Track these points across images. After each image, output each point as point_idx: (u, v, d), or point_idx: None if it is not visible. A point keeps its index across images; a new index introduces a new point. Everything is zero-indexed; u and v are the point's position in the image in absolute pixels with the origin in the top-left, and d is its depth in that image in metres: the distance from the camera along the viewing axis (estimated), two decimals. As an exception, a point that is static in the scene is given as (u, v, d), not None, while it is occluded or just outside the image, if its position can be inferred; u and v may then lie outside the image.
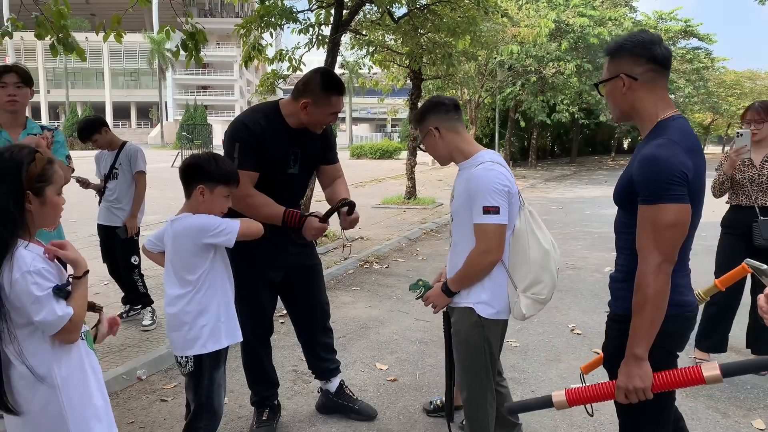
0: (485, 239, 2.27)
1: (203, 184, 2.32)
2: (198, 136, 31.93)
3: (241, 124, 2.78)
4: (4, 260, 1.63)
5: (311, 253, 3.18)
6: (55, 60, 59.51)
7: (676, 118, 1.83)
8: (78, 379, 1.79)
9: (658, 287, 1.72)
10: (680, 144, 1.74)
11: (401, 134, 57.43)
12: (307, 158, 2.98)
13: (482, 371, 2.42)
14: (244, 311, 3.05)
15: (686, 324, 1.89)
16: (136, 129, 66.13)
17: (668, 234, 1.72)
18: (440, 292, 2.47)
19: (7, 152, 1.70)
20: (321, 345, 3.26)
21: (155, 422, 3.24)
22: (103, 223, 4.71)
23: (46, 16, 4.59)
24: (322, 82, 2.72)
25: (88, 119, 4.67)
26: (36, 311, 1.65)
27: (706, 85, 33.18)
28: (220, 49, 65.63)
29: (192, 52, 5.13)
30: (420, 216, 11.20)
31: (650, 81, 1.84)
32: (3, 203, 1.65)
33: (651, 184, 1.73)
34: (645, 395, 1.78)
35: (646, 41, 1.83)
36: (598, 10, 22.21)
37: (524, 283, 2.35)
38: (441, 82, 14.51)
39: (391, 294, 5.94)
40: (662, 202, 1.71)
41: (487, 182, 2.25)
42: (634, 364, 1.76)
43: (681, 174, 1.70)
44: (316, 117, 2.78)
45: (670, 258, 1.74)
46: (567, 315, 5.16)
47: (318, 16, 8.25)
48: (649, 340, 1.75)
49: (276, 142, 2.81)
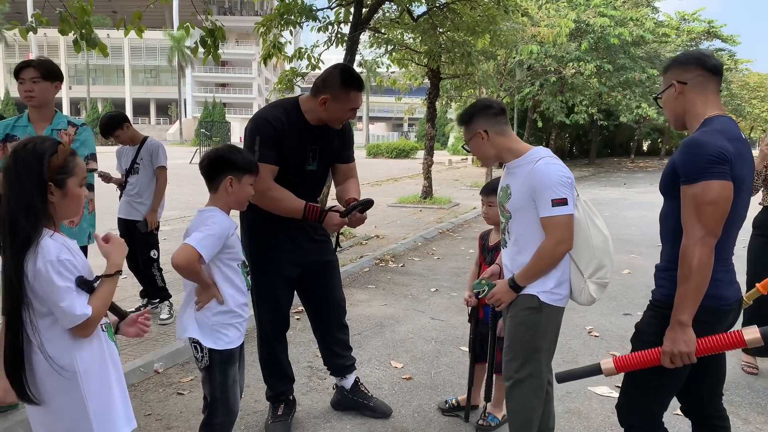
0: (557, 230, 2.32)
1: (231, 174, 2.34)
2: (216, 133, 32.23)
3: (262, 119, 2.81)
4: (28, 252, 1.65)
5: (327, 249, 3.19)
6: (77, 57, 60.62)
7: (722, 116, 1.95)
8: (98, 369, 1.80)
9: (702, 257, 1.81)
10: (724, 133, 1.86)
11: (418, 133, 57.41)
12: (325, 155, 2.99)
13: (540, 356, 2.45)
14: (261, 307, 3.08)
15: (720, 317, 1.96)
16: (155, 125, 66.78)
17: (710, 209, 1.80)
18: (507, 288, 2.46)
19: (30, 144, 1.71)
20: (337, 341, 3.27)
21: (171, 415, 3.27)
22: (124, 217, 4.76)
23: (69, 12, 4.65)
24: (342, 78, 2.74)
25: (110, 115, 4.72)
26: (55, 302, 1.66)
27: (728, 87, 32.72)
28: (239, 47, 66.07)
29: (210, 49, 5.16)
30: (436, 215, 11.17)
31: (700, 85, 1.98)
32: (26, 195, 1.66)
33: (691, 165, 1.83)
34: (690, 359, 1.89)
35: (697, 54, 2.03)
36: (620, 11, 21.99)
37: (590, 269, 2.39)
38: (459, 81, 14.47)
39: (407, 293, 5.93)
40: (703, 180, 1.80)
41: (552, 176, 2.31)
42: (680, 330, 1.87)
43: (721, 154, 1.80)
44: (335, 113, 2.79)
45: (713, 232, 1.82)
46: (584, 317, 5.11)
47: (337, 15, 8.26)
48: (694, 307, 1.85)
49: (295, 137, 2.83)
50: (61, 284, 1.66)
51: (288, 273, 3.03)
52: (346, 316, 3.32)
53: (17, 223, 1.64)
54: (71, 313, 1.67)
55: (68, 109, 67.08)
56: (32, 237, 1.65)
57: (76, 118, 3.44)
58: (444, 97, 17.70)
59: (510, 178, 2.47)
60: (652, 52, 25.35)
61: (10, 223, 1.65)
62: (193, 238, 2.22)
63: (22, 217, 1.65)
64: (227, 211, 2.39)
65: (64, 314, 1.68)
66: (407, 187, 16.27)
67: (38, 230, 1.67)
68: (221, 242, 2.28)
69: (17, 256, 1.64)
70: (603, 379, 3.80)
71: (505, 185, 2.49)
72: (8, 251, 1.66)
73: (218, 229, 2.27)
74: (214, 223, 2.28)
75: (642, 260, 7.41)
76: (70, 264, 1.70)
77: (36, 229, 1.67)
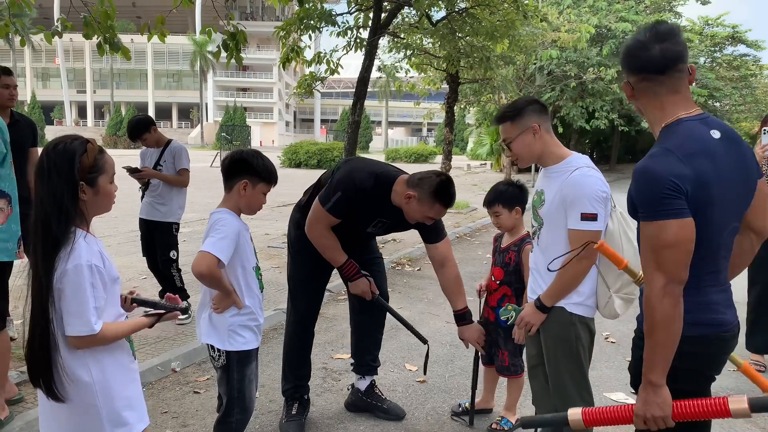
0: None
1: (247, 178, 2.35)
2: (237, 137, 32.52)
3: (352, 182, 2.85)
4: (60, 252, 1.66)
5: (373, 248, 3.35)
6: (101, 61, 61.55)
7: (683, 120, 1.66)
8: (113, 367, 1.81)
9: (665, 310, 1.58)
10: (677, 151, 1.59)
11: (436, 138, 57.37)
12: (391, 227, 3.11)
13: (578, 369, 2.36)
14: (297, 297, 3.21)
15: (722, 345, 1.73)
16: (177, 129, 67.60)
17: (668, 253, 1.57)
18: (535, 310, 2.37)
19: (60, 144, 1.72)
20: (372, 338, 3.38)
21: (188, 413, 3.31)
22: (145, 217, 4.84)
23: (93, 16, 4.75)
24: (436, 188, 2.77)
25: (138, 119, 4.79)
26: (71, 305, 1.68)
27: (753, 92, 32.18)
28: (260, 52, 66.65)
29: (232, 52, 5.23)
30: (454, 220, 11.15)
31: (646, 90, 1.71)
32: (58, 197, 1.67)
33: (644, 200, 1.61)
34: (666, 424, 1.63)
35: (632, 49, 1.71)
36: (641, 15, 21.79)
37: (618, 284, 2.31)
38: (478, 86, 14.44)
39: (423, 296, 5.93)
40: (658, 219, 1.58)
41: (587, 189, 2.22)
42: (651, 391, 1.63)
43: (672, 185, 1.55)
44: (413, 212, 2.85)
45: (676, 278, 1.58)
46: (601, 323, 5.04)
47: (357, 20, 8.32)
48: (664, 365, 1.61)
49: (369, 209, 2.92)
50: (84, 290, 1.67)
51: (326, 266, 3.12)
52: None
53: (49, 223, 1.66)
54: (80, 322, 1.68)
55: (92, 112, 68.31)
56: (63, 238, 1.67)
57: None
58: (463, 101, 17.68)
59: (545, 182, 2.39)
60: (675, 57, 25.05)
61: (42, 224, 1.67)
62: (207, 244, 2.23)
63: (54, 218, 1.66)
64: (237, 213, 2.39)
65: (73, 320, 1.68)
66: (425, 191, 16.20)
67: (69, 230, 1.69)
68: (235, 243, 2.29)
69: (48, 256, 1.66)
70: (619, 385, 3.77)
71: (540, 190, 2.41)
72: (40, 251, 1.67)
73: (229, 230, 2.27)
74: (223, 225, 2.28)
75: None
76: (98, 269, 1.71)
77: (67, 230, 1.68)
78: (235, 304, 2.34)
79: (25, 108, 51.12)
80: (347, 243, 3.00)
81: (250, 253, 2.41)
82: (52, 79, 69.25)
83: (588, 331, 2.37)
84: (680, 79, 1.68)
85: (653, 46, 1.66)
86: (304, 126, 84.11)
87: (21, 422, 2.99)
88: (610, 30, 20.24)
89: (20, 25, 5.62)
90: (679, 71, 1.67)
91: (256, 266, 2.46)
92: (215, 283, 2.26)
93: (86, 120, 68.69)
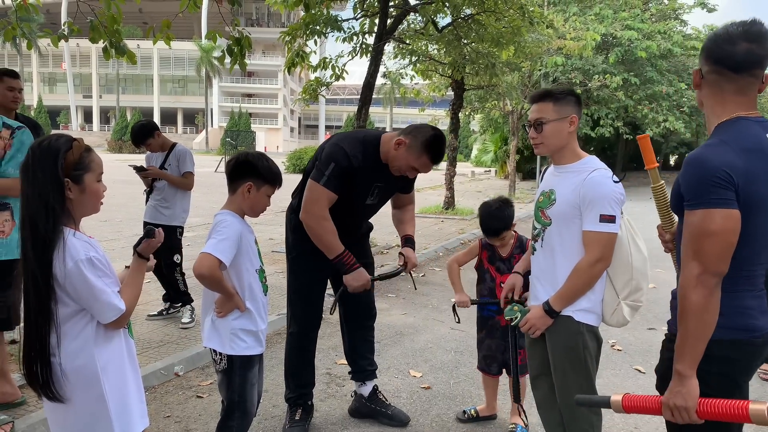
0: (599, 247, 2.19)
1: (251, 181, 2.34)
2: (242, 143, 32.57)
3: (342, 151, 2.81)
4: (54, 251, 1.66)
5: (365, 252, 3.29)
6: (107, 66, 61.94)
7: (741, 119, 1.65)
8: (117, 365, 1.82)
9: (698, 300, 1.56)
10: (732, 144, 1.58)
11: (441, 145, 57.26)
12: (387, 191, 3.08)
13: (586, 379, 2.32)
14: (296, 303, 3.17)
15: (754, 351, 1.69)
16: (182, 134, 67.91)
17: (709, 242, 1.55)
18: (542, 314, 2.31)
19: (45, 141, 1.73)
20: (366, 342, 3.35)
21: (190, 417, 3.29)
22: (149, 221, 4.83)
23: (100, 20, 4.77)
24: (428, 140, 2.76)
25: (142, 124, 4.80)
26: (94, 299, 1.70)
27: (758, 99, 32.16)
28: (265, 58, 67.02)
29: (237, 57, 5.24)
30: (458, 226, 11.13)
31: (714, 83, 1.69)
32: (44, 192, 1.67)
33: (692, 187, 1.59)
34: (689, 417, 1.61)
35: (718, 39, 1.67)
36: (647, 23, 21.77)
37: (626, 290, 2.28)
38: (483, 93, 14.44)
39: (427, 302, 5.90)
40: (704, 207, 1.56)
41: (607, 190, 2.18)
42: (677, 381, 1.62)
43: (724, 175, 1.53)
44: (400, 159, 2.82)
45: (712, 269, 1.56)
46: (608, 330, 4.99)
47: (362, 25, 8.35)
48: (694, 356, 1.60)
49: (365, 176, 2.89)
50: (98, 282, 1.70)
51: (325, 271, 3.10)
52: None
53: (37, 220, 1.66)
54: (110, 309, 1.73)
55: (98, 117, 68.65)
56: (53, 235, 1.66)
57: (13, 121, 3.12)
58: (467, 108, 17.68)
59: (556, 181, 2.32)
60: (680, 65, 25.02)
61: (30, 221, 1.67)
62: (208, 245, 2.22)
63: (41, 215, 1.66)
64: (241, 215, 2.38)
65: (103, 310, 1.73)
66: (429, 197, 16.25)
67: (58, 228, 1.68)
68: (236, 245, 2.27)
69: (41, 254, 1.66)
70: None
71: (549, 190, 2.34)
72: (30, 249, 1.67)
73: (231, 232, 2.26)
74: (225, 227, 2.27)
75: (667, 275, 7.27)
76: (97, 260, 1.73)
77: (56, 227, 1.68)
78: (237, 307, 2.33)
79: (32, 112, 51.44)
80: (346, 242, 2.92)
81: (253, 256, 2.39)
82: (59, 84, 69.72)
83: (596, 339, 2.34)
84: (752, 83, 1.66)
85: (740, 43, 1.63)
86: (308, 132, 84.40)
87: (23, 425, 2.97)
88: (616, 38, 20.22)
89: (27, 29, 5.65)
90: (754, 76, 1.66)
91: (260, 269, 2.44)
92: (216, 284, 2.25)
93: (92, 125, 69.10)
